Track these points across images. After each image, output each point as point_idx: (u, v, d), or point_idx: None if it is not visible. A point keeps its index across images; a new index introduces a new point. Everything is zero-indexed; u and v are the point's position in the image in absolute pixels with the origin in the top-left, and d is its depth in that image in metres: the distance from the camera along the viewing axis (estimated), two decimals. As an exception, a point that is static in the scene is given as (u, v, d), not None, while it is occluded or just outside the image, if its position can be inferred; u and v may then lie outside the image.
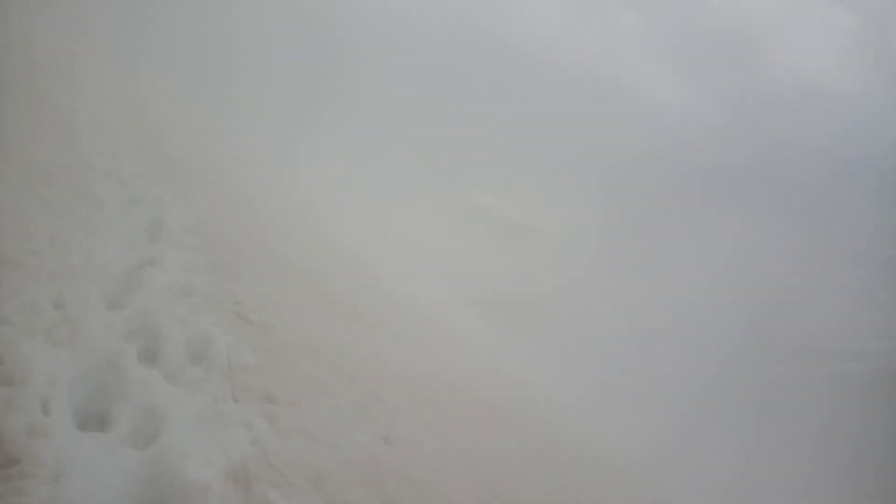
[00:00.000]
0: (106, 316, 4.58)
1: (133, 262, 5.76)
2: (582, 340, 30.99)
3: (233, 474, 3.10)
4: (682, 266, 48.02)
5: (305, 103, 49.37)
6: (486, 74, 66.21)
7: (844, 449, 28.36)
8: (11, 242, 4.53)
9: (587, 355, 27.78)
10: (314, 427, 4.11)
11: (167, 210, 7.79)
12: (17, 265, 4.25)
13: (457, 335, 17.05)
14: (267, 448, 3.49)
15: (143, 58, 26.70)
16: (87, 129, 9.88)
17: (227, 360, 4.39)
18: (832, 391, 32.61)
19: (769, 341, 42.64)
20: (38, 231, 4.93)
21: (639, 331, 33.21)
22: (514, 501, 5.29)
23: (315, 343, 6.25)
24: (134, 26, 30.16)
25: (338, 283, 10.92)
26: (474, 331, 21.63)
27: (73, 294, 4.41)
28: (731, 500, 19.29)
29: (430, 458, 5.00)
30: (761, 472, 24.21)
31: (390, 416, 5.29)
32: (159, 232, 6.99)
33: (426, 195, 53.30)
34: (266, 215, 12.00)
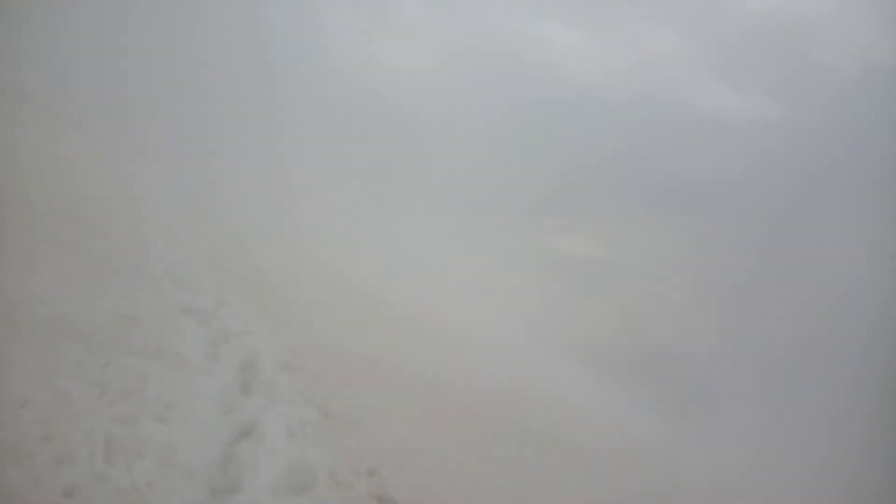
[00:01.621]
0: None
1: (225, 437, 4.35)
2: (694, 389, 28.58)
3: None
4: (796, 286, 44.57)
5: (373, 185, 49.26)
6: (546, 120, 65.26)
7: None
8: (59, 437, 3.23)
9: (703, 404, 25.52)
10: None
11: (258, 345, 6.46)
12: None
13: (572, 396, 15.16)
14: None
15: (210, 163, 26.61)
16: (161, 260, 8.79)
17: None
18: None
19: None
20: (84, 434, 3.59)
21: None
22: None
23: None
24: (193, 131, 30.45)
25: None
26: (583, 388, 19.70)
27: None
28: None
29: None
30: None
31: None
32: (253, 379, 5.62)
33: (507, 249, 51.87)
34: (362, 317, 10.60)
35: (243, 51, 39.64)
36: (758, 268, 48.64)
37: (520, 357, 17.70)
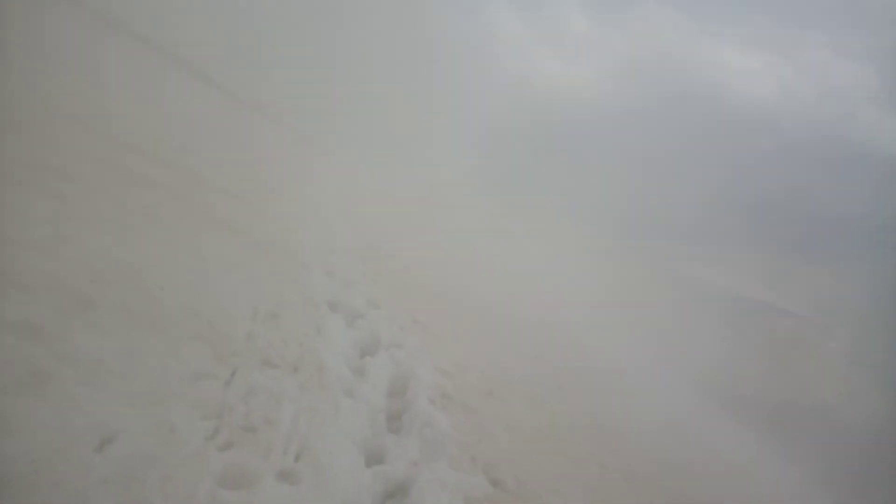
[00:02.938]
0: None
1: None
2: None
3: None
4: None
5: (524, 196, 48.03)
6: (710, 146, 60.87)
7: None
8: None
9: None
10: None
11: (409, 363, 5.23)
12: None
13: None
14: None
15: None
16: (314, 249, 7.86)
17: None
18: None
19: None
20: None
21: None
22: None
23: None
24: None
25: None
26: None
27: None
28: None
29: None
30: None
31: None
32: (403, 411, 4.38)
33: (652, 275, 48.76)
34: (516, 344, 9.17)
35: (412, 50, 39.57)
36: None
37: (669, 398, 15.65)
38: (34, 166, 4.64)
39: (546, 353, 10.06)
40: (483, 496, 3.64)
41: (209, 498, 2.40)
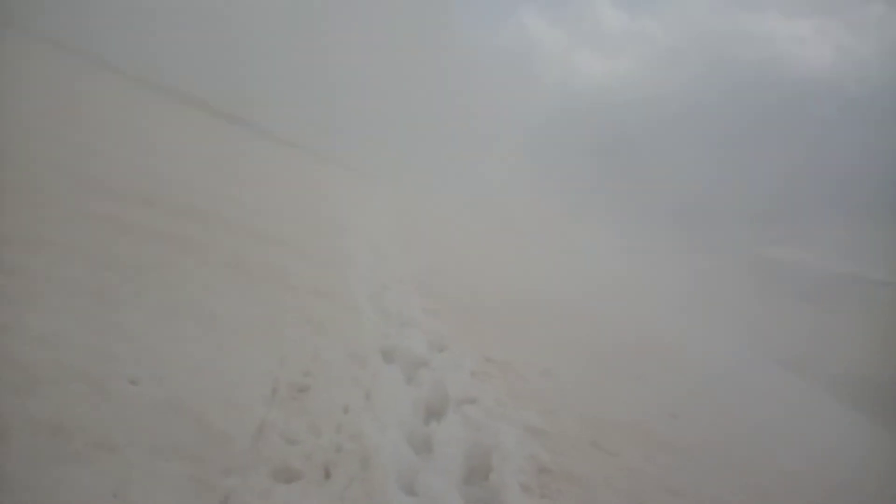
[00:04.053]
0: None
1: None
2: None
3: None
4: None
5: (580, 194, 46.03)
6: (769, 121, 56.97)
7: None
8: None
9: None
10: None
11: (491, 434, 3.87)
12: None
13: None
14: None
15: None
16: (364, 285, 6.63)
17: None
18: None
19: None
20: None
21: None
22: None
23: None
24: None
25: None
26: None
27: None
28: None
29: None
30: None
31: None
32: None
33: (725, 260, 45.85)
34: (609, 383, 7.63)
35: (447, 68, 38.51)
36: None
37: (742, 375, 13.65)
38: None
39: (642, 369, 8.47)
40: None
41: None
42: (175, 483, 2.25)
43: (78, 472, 2.13)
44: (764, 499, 5.06)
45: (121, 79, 14.55)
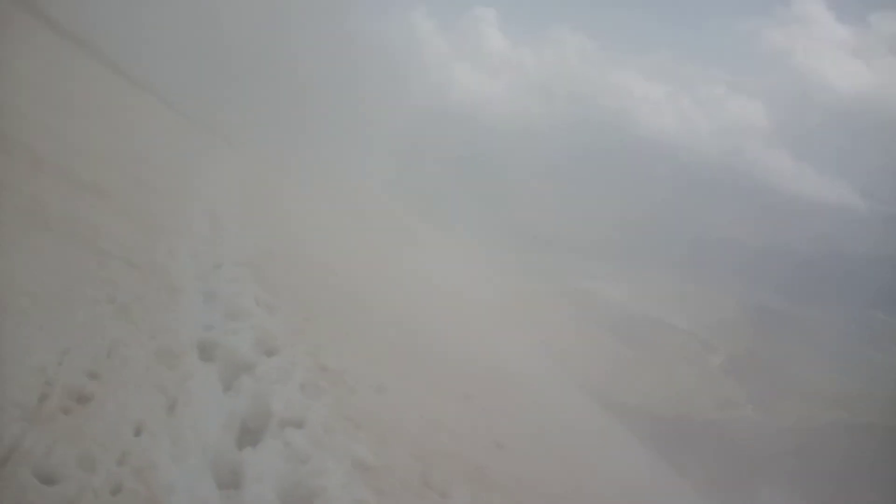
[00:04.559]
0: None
1: None
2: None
3: None
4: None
5: (432, 204, 46.31)
6: (613, 167, 61.32)
7: None
8: None
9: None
10: None
11: (315, 468, 3.28)
12: None
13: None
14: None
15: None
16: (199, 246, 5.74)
17: None
18: None
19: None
20: None
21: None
22: None
23: None
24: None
25: None
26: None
27: None
28: None
29: None
30: None
31: None
32: None
33: (551, 288, 48.36)
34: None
35: (334, 49, 37.21)
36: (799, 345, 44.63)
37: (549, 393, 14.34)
38: None
39: (469, 387, 8.25)
40: None
41: None
42: None
43: None
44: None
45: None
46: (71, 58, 13.45)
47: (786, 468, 30.83)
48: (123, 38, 20.06)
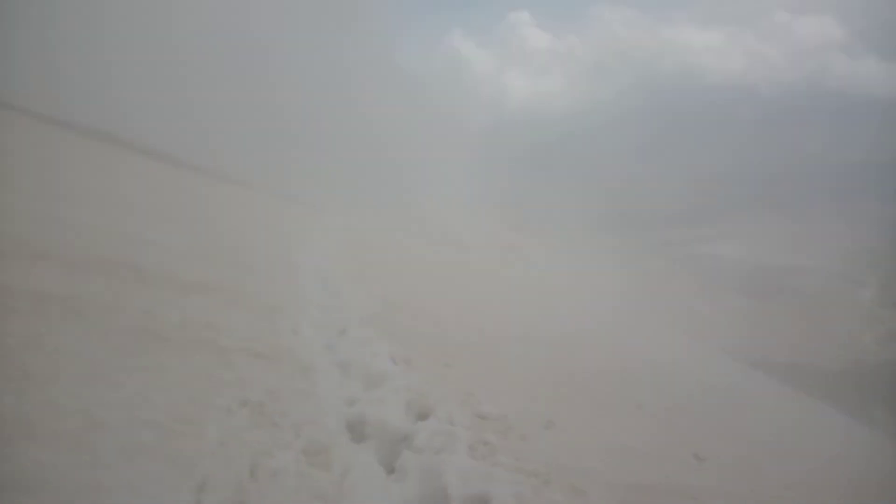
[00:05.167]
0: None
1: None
2: None
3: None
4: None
5: (516, 209, 45.46)
6: (690, 127, 58.02)
7: None
8: None
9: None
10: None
11: None
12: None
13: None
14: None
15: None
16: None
17: None
18: None
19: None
20: None
21: None
22: None
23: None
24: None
25: None
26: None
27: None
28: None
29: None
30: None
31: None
32: None
33: (658, 262, 45.89)
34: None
35: (383, 92, 37.40)
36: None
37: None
38: None
39: (637, 394, 7.31)
40: None
41: None
42: None
43: None
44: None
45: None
46: (123, 160, 13.85)
47: None
48: (172, 129, 19.78)
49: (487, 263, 18.64)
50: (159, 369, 3.45)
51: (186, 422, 2.85)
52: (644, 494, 4.03)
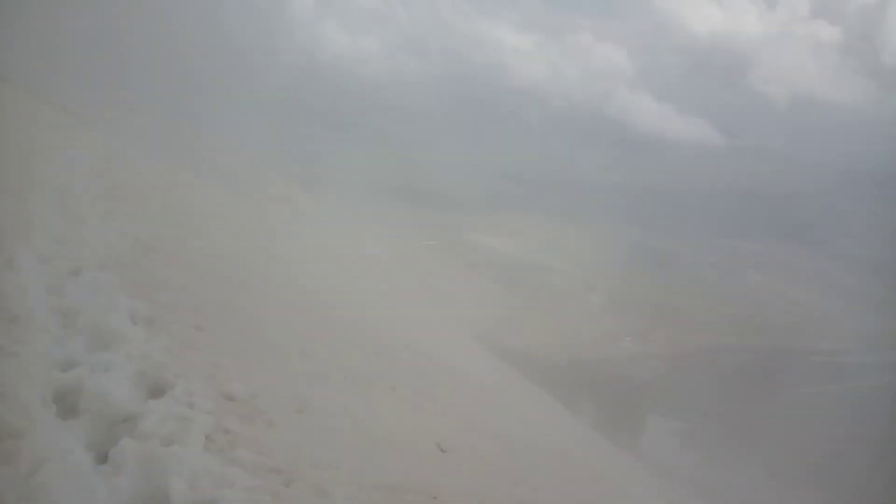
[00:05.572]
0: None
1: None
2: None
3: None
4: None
5: (311, 166, 44.02)
6: (487, 119, 61.09)
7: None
8: None
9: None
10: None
11: None
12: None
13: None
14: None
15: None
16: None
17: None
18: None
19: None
20: None
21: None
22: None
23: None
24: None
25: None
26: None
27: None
28: None
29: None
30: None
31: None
32: None
33: (439, 243, 47.95)
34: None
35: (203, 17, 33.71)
36: (683, 279, 47.37)
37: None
38: None
39: (394, 375, 7.35)
40: None
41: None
42: None
43: None
44: None
45: None
46: None
47: (661, 392, 33.03)
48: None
49: (259, 210, 17.62)
50: None
51: None
52: (387, 493, 3.94)
